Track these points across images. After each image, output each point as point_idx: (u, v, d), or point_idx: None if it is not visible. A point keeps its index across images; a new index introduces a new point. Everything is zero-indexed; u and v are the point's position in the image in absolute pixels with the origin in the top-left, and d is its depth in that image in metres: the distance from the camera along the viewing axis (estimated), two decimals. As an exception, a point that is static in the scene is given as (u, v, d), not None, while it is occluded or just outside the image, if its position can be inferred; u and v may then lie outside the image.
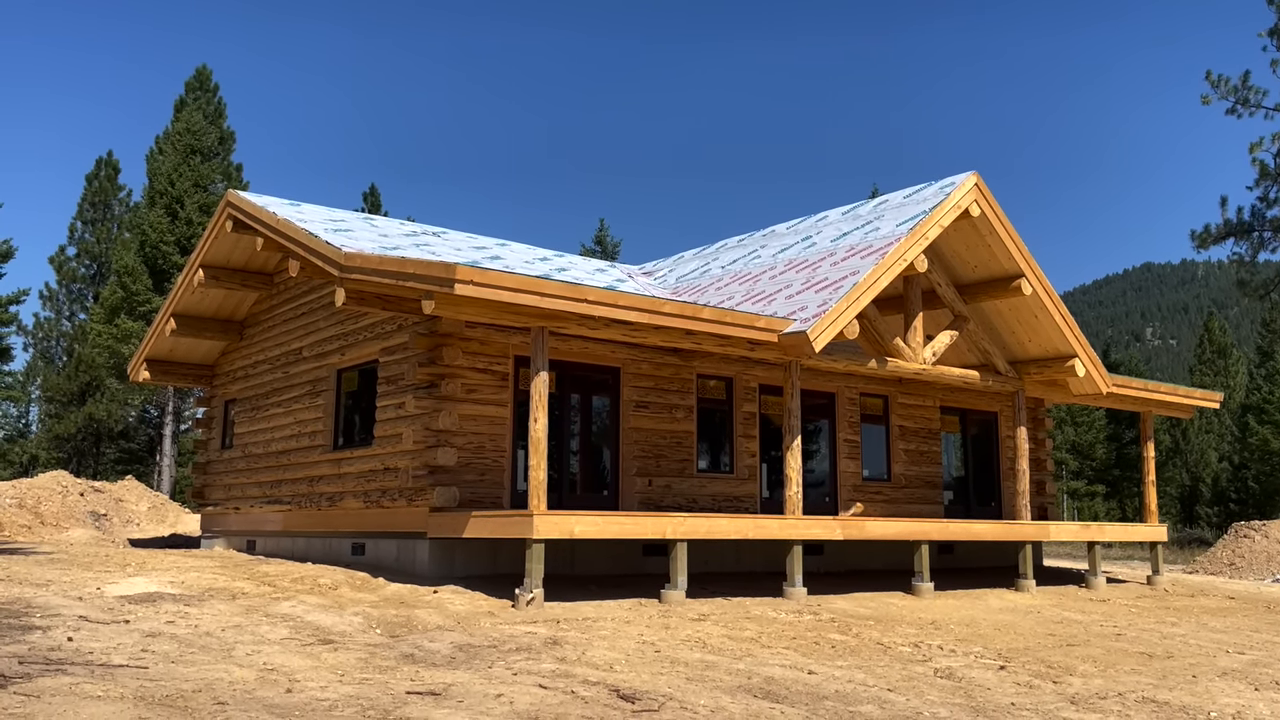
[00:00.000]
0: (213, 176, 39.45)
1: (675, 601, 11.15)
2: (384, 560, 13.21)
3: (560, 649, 8.44)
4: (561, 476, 13.66)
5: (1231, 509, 62.22)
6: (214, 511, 18.15)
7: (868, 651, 9.50)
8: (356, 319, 14.47)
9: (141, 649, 7.45)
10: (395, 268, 10.76)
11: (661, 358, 14.52)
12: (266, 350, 17.04)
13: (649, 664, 8.10)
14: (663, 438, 14.48)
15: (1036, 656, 9.78)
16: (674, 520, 11.40)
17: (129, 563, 12.87)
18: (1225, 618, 13.87)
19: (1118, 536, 17.14)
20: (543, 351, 10.70)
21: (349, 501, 13.98)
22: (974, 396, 18.46)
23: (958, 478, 18.62)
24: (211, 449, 18.69)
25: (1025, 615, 12.80)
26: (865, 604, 12.56)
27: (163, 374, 18.82)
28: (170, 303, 17.51)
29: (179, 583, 10.99)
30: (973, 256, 14.78)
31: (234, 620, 8.89)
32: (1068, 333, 14.96)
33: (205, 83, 42.29)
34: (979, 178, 14.15)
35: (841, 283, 12.53)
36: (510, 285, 10.06)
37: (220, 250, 16.30)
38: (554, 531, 10.50)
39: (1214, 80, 35.29)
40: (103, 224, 51.89)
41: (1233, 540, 25.38)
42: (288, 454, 15.85)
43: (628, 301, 10.94)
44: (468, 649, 8.25)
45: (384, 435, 13.40)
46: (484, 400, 12.87)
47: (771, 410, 15.93)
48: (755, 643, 9.48)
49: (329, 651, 7.84)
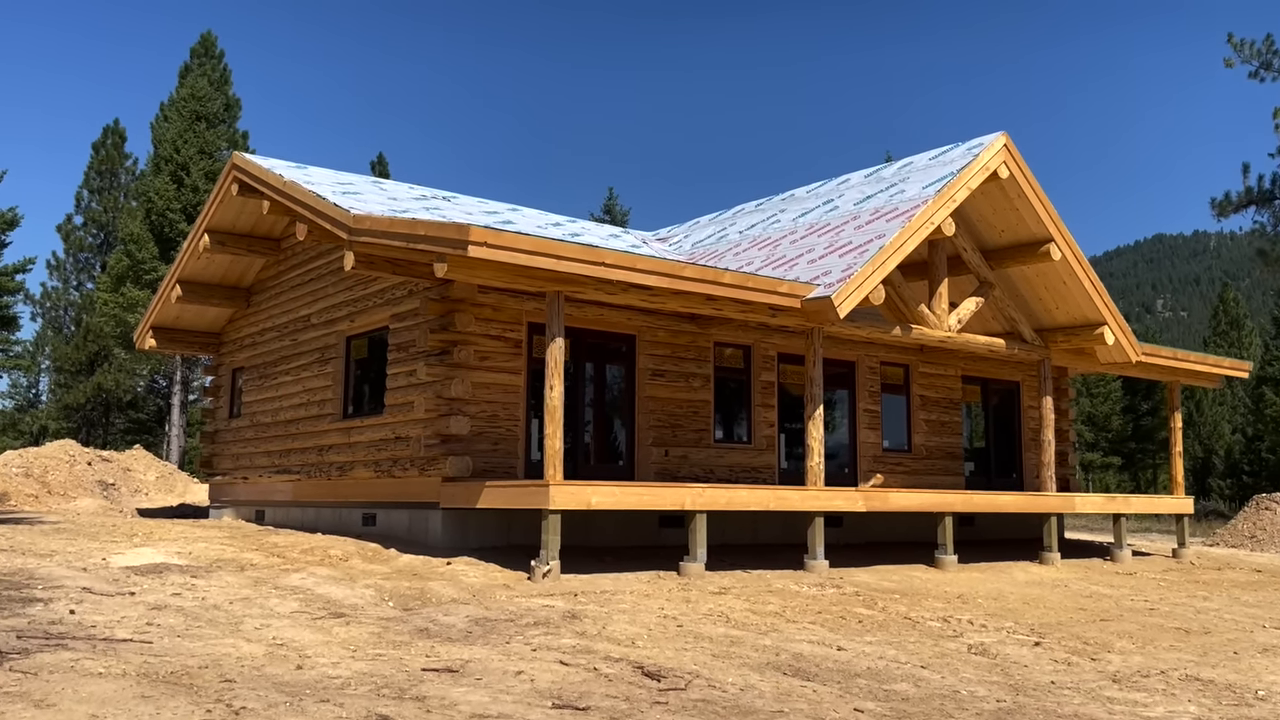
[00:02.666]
0: (218, 143, 38.96)
1: (695, 574, 10.86)
2: (395, 531, 12.93)
3: (579, 623, 8.15)
4: (576, 446, 13.34)
5: (1244, 481, 61.71)
6: (222, 481, 17.91)
7: (896, 626, 9.20)
8: (366, 284, 14.11)
9: (146, 622, 7.16)
10: (407, 229, 10.38)
11: (678, 325, 14.15)
12: (274, 317, 16.72)
13: (672, 639, 7.80)
14: (679, 407, 14.14)
15: (1071, 632, 9.47)
16: (693, 491, 11.08)
17: (136, 533, 12.62)
18: (1256, 591, 13.55)
19: (1143, 508, 16.79)
20: (559, 317, 10.34)
21: (359, 471, 13.69)
22: (995, 366, 18.06)
23: (978, 448, 18.25)
24: (219, 418, 18.43)
25: (1052, 589, 12.48)
26: (888, 577, 12.25)
27: (169, 342, 18.52)
28: (176, 269, 17.17)
29: (186, 553, 10.72)
30: (1000, 220, 14.33)
31: (242, 592, 8.62)
32: (1097, 299, 14.53)
33: (210, 49, 41.70)
34: (1008, 138, 13.67)
35: (867, 246, 12.12)
36: (526, 248, 9.68)
37: (226, 215, 15.93)
38: (571, 502, 10.19)
39: (1236, 44, 34.47)
40: (110, 193, 51.50)
41: (1254, 513, 25.02)
42: (296, 423, 15.56)
43: (647, 265, 10.56)
44: (484, 623, 7.95)
45: (395, 404, 13.08)
46: (497, 368, 12.53)
47: (789, 380, 15.57)
48: (780, 617, 9.17)
49: (340, 625, 7.56)
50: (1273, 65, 32.99)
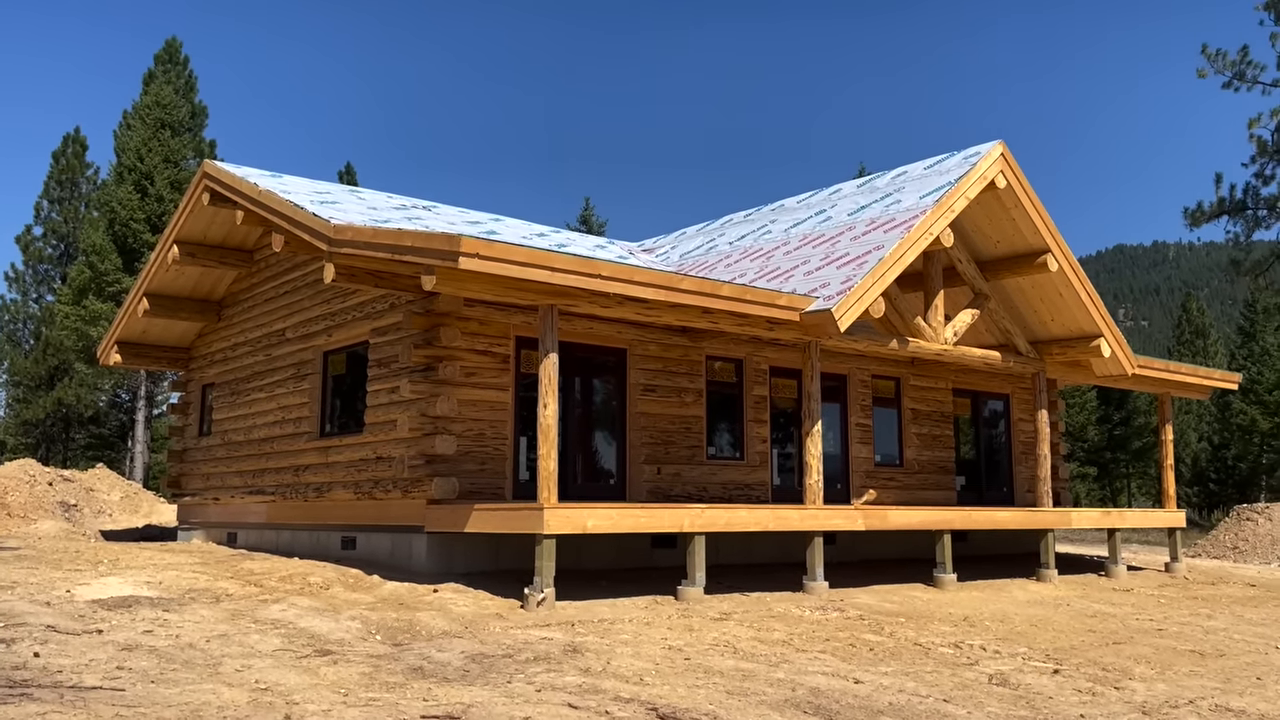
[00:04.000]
0: (184, 152, 38.07)
1: (694, 599, 10.42)
2: (377, 555, 12.38)
3: (582, 657, 7.68)
4: (565, 465, 12.87)
5: (1211, 489, 62.31)
6: (192, 502, 17.22)
7: (908, 654, 8.81)
8: (345, 297, 13.57)
9: (117, 665, 6.61)
10: (392, 240, 9.89)
11: (670, 338, 13.73)
12: (247, 331, 16.10)
13: (681, 675, 7.35)
14: (671, 423, 13.71)
15: (1087, 657, 9.13)
16: (691, 512, 10.65)
17: (101, 560, 11.98)
18: (1257, 608, 13.33)
19: (1138, 523, 16.58)
20: (552, 331, 9.88)
21: (338, 492, 13.13)
22: (986, 378, 17.81)
23: (968, 462, 17.99)
24: (188, 436, 17.74)
25: (1055, 608, 12.18)
26: (889, 598, 11.89)
27: (135, 357, 17.81)
28: (142, 282, 16.51)
29: (156, 583, 10.12)
30: (995, 231, 14.06)
31: (219, 628, 8.06)
32: (1094, 311, 14.30)
33: (175, 55, 40.80)
34: (1005, 147, 13.41)
35: (865, 258, 11.78)
36: (519, 259, 9.22)
37: (196, 225, 15.32)
38: (566, 526, 9.72)
39: (1210, 54, 34.72)
40: (70, 202, 50.24)
41: (1234, 523, 25.00)
42: (271, 441, 14.95)
43: (643, 277, 10.13)
44: (481, 659, 7.47)
45: (376, 422, 12.54)
46: (484, 384, 12.04)
47: (781, 394, 15.19)
48: (788, 646, 8.76)
49: (328, 665, 7.04)
50: (1246, 76, 33.26)
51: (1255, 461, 57.49)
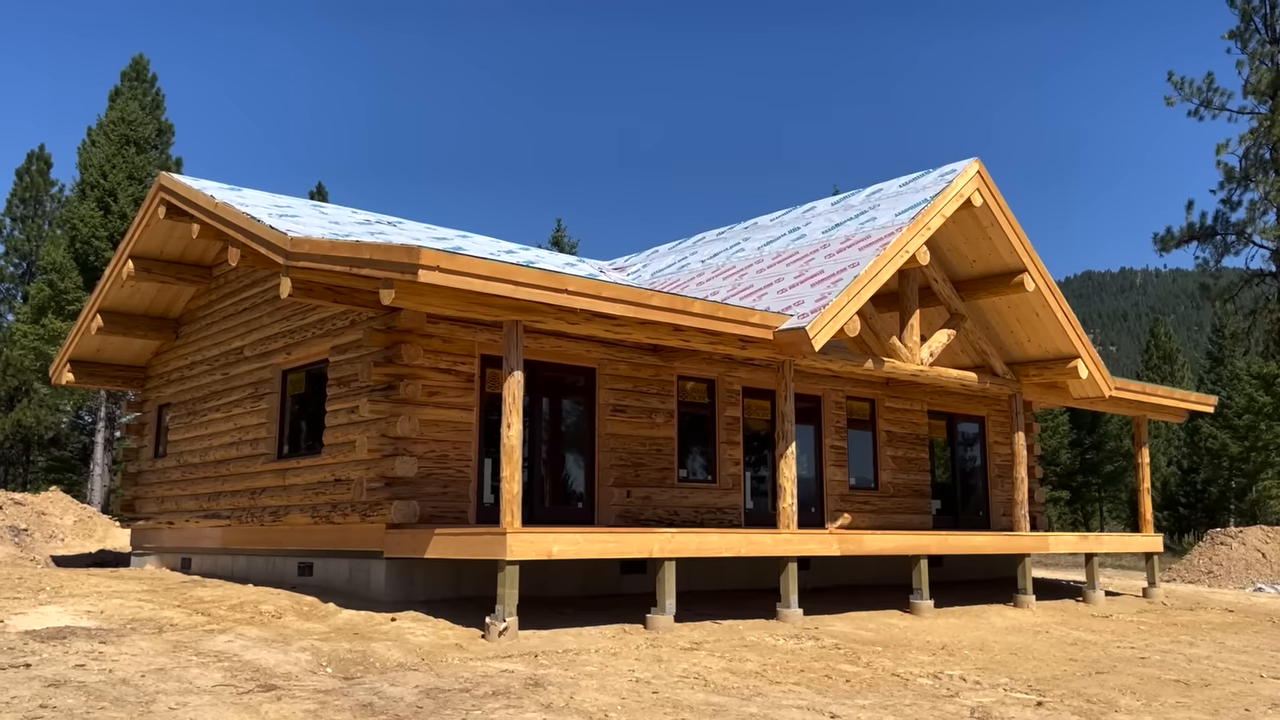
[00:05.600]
0: (149, 169, 37.43)
1: (663, 628, 10.01)
2: (334, 581, 11.89)
3: (544, 692, 7.26)
4: (531, 487, 12.45)
5: (1182, 513, 62.59)
6: (146, 526, 16.61)
7: (886, 685, 8.45)
8: (304, 314, 13.12)
9: (40, 704, 6.13)
10: (350, 253, 9.49)
11: (640, 357, 13.38)
12: (204, 350, 15.59)
13: (648, 710, 6.95)
14: (642, 444, 13.33)
15: (1070, 688, 8.80)
16: (661, 537, 10.26)
17: (44, 587, 11.40)
18: (1238, 635, 13.09)
19: (1116, 547, 16.36)
20: (517, 349, 9.50)
21: (295, 516, 12.62)
22: (962, 400, 17.59)
23: (944, 485, 17.72)
24: (143, 458, 17.14)
25: (1035, 636, 11.87)
26: (865, 625, 11.53)
27: (89, 376, 17.22)
28: (96, 298, 15.96)
29: (97, 612, 9.59)
30: (971, 250, 13.86)
31: (157, 661, 7.57)
32: (1071, 332, 14.11)
33: (142, 72, 40.24)
34: (981, 165, 13.23)
35: (840, 276, 11.50)
36: (482, 273, 8.85)
37: (153, 239, 14.83)
38: (530, 552, 9.30)
39: (1177, 82, 35.09)
40: (34, 220, 49.35)
41: (1209, 548, 24.89)
42: (227, 463, 14.42)
43: (612, 293, 9.79)
44: (436, 694, 7.03)
45: (335, 443, 12.08)
46: (447, 404, 11.62)
47: (755, 415, 14.87)
48: (761, 677, 8.37)
49: (271, 702, 6.57)
50: (1213, 103, 33.60)
51: (1225, 485, 57.84)
